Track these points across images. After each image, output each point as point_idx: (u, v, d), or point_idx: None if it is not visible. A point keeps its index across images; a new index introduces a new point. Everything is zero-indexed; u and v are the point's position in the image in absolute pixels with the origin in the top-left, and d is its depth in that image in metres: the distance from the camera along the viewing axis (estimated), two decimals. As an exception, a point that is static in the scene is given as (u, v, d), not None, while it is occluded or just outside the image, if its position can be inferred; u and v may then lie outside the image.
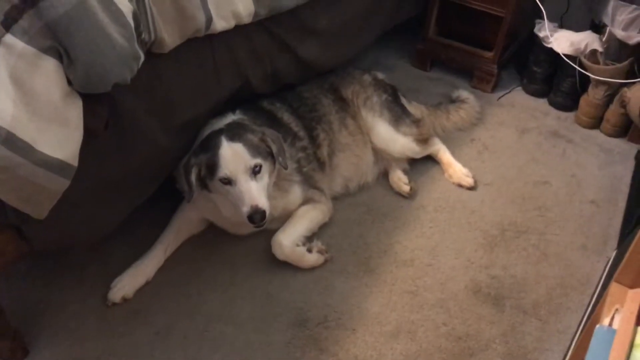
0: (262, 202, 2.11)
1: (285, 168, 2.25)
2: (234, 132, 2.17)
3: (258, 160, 2.14)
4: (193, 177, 2.15)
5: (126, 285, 2.26)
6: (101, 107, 1.76)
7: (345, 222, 2.60)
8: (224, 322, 2.19)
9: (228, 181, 2.12)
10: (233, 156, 2.11)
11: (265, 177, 2.18)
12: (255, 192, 2.11)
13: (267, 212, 2.13)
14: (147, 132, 1.98)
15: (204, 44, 2.10)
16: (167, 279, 2.35)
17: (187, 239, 2.48)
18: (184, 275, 2.37)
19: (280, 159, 2.21)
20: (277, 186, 2.35)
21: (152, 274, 2.33)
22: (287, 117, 2.53)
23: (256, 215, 2.09)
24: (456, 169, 2.80)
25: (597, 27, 3.23)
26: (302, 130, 2.54)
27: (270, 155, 2.21)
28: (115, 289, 2.24)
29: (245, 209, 2.09)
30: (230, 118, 2.34)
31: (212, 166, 2.12)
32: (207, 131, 2.27)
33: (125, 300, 2.24)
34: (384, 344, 2.13)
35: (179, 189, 2.40)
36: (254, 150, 2.14)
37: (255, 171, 2.13)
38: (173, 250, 2.43)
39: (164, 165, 2.22)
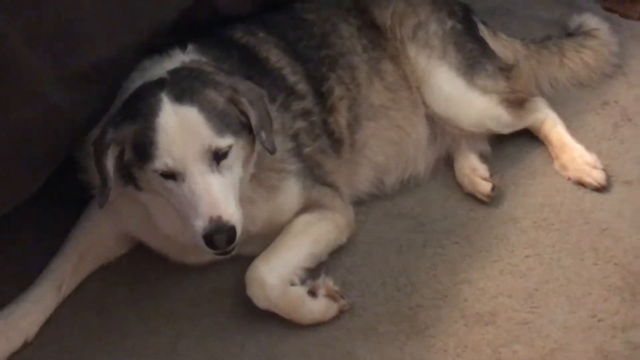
0: (230, 212, 2.13)
1: (272, 152, 2.26)
2: (184, 87, 2.17)
3: (225, 140, 2.15)
4: (109, 164, 2.16)
5: (-12, 348, 2.29)
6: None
7: (377, 245, 2.61)
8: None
9: (171, 174, 2.13)
10: (181, 131, 2.12)
11: (236, 167, 2.20)
12: (217, 194, 2.12)
13: (239, 230, 2.14)
14: (32, 79, 1.99)
15: None
16: (61, 340, 2.35)
17: (96, 270, 2.51)
18: (89, 333, 2.38)
19: (263, 135, 2.21)
20: (258, 181, 2.36)
21: (35, 330, 2.35)
22: (276, 57, 2.54)
23: (219, 235, 2.10)
24: (574, 156, 2.81)
25: None
26: (304, 81, 2.55)
27: (246, 129, 2.23)
28: (-31, 356, 2.27)
29: (200, 223, 2.10)
30: (177, 59, 2.35)
31: (144, 147, 2.13)
32: (136, 82, 2.28)
33: (-15, 375, 2.27)
34: None
35: (84, 183, 2.41)
36: (219, 120, 2.15)
37: (219, 157, 2.15)
38: (71, 289, 2.45)
39: (61, 138, 2.22)
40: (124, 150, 2.17)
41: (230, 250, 2.15)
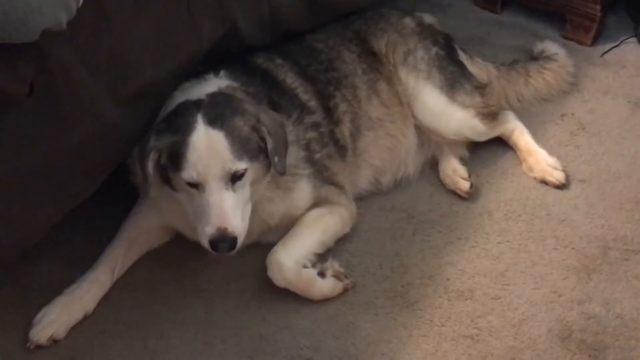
0: (234, 225, 2.13)
1: (282, 174, 2.27)
2: (218, 112, 2.17)
3: (242, 165, 2.15)
4: (150, 165, 2.17)
5: (56, 320, 2.29)
6: (24, 63, 1.78)
7: (375, 233, 2.62)
8: (197, 377, 2.24)
9: (194, 184, 2.15)
10: (207, 151, 2.12)
11: (247, 186, 2.20)
12: (227, 209, 2.13)
13: (240, 240, 2.15)
14: (90, 100, 2.00)
15: (172, -28, 2.14)
16: (115, 313, 2.38)
17: (143, 255, 2.52)
18: (138, 307, 2.40)
19: (276, 159, 2.22)
20: (276, 183, 2.37)
21: (93, 305, 2.37)
22: (291, 79, 2.55)
23: (222, 243, 2.12)
24: (539, 159, 2.81)
25: None
26: (314, 99, 2.56)
27: (263, 152, 2.23)
28: (39, 326, 2.28)
29: (208, 229, 2.12)
30: (214, 84, 2.36)
31: (176, 157, 2.14)
32: (178, 98, 2.30)
33: (54, 341, 2.28)
34: (429, 412, 2.15)
35: (133, 185, 2.44)
36: (240, 146, 2.15)
37: (234, 178, 2.15)
38: (123, 271, 2.46)
39: (114, 150, 2.24)
40: (161, 155, 2.19)
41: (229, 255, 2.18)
